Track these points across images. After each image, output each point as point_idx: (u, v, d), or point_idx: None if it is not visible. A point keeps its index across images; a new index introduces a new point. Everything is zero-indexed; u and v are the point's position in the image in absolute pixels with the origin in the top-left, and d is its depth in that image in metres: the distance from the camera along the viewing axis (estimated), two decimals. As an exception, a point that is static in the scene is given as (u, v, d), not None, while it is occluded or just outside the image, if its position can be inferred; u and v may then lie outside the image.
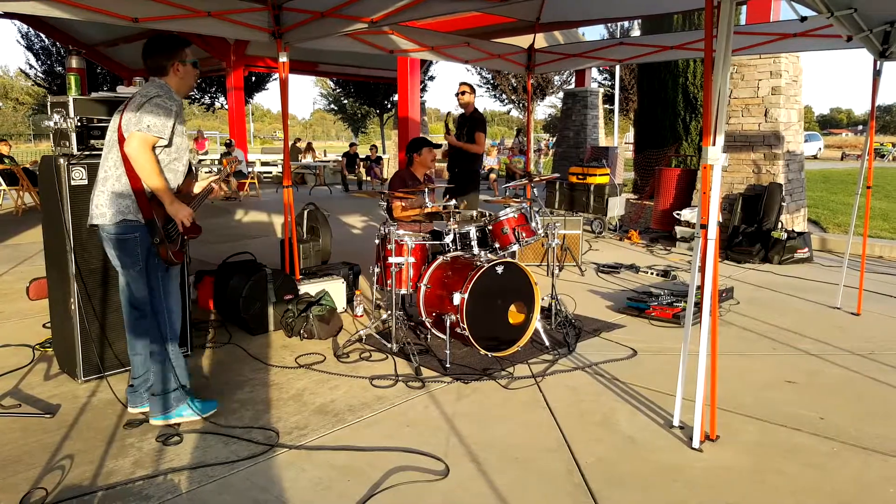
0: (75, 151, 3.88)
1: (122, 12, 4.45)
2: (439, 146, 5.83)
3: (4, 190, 12.26)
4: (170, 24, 4.68)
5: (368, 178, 18.35)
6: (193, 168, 3.72)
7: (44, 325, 5.18)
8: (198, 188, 3.69)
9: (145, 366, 3.58)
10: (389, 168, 20.99)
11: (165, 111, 3.28)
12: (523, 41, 8.10)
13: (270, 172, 20.62)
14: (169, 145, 3.36)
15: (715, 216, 3.15)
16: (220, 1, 4.87)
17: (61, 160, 3.85)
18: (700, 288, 3.25)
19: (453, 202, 4.85)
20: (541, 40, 8.66)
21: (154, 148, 3.29)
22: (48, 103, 4.04)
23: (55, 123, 3.90)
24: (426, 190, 5.00)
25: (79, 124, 3.86)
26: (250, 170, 16.74)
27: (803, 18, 3.80)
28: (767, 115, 8.63)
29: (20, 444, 3.32)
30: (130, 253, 3.37)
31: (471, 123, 6.69)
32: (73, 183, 3.88)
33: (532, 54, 7.71)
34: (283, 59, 5.28)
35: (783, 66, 8.50)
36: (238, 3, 4.99)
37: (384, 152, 25.99)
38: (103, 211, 3.33)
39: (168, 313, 3.50)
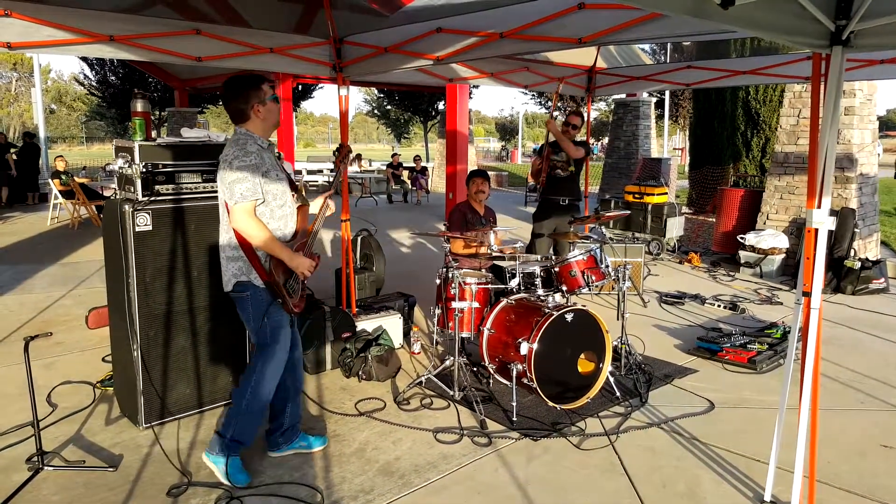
0: (140, 197, 3.81)
1: (185, 52, 4.38)
2: (487, 178, 5.71)
3: (61, 203, 12.48)
4: (232, 61, 4.60)
5: (414, 189, 18.25)
6: (303, 193, 3.61)
7: (103, 359, 5.17)
8: (314, 208, 3.62)
9: (283, 401, 3.62)
10: (433, 177, 20.90)
11: (250, 170, 3.17)
12: (585, 56, 7.80)
13: (317, 181, 20.66)
14: (264, 200, 3.27)
15: (819, 284, 2.91)
16: (282, 37, 4.76)
17: (126, 206, 3.78)
18: (802, 357, 3.01)
19: (519, 243, 4.68)
20: (598, 59, 8.37)
21: (255, 210, 3.23)
22: (114, 147, 3.99)
23: (120, 168, 3.84)
24: (490, 231, 4.84)
25: (144, 170, 3.79)
26: (298, 178, 16.80)
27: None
28: (840, 136, 8.21)
29: (84, 503, 3.25)
30: (244, 311, 3.39)
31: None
32: (137, 229, 3.80)
33: (593, 76, 7.45)
34: (344, 92, 5.16)
35: (857, 84, 8.08)
36: (299, 39, 4.88)
37: (428, 159, 25.90)
38: (225, 278, 3.37)
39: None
